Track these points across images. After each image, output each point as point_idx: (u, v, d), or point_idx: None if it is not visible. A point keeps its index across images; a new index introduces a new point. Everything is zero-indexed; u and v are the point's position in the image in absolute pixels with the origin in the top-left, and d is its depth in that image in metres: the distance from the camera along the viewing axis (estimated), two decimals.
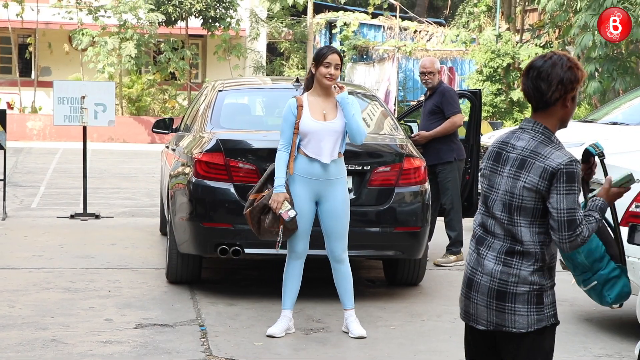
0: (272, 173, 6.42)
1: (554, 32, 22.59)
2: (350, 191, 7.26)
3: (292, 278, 6.52)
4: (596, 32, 17.81)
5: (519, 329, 3.50)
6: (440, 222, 9.39)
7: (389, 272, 8.19)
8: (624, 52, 19.26)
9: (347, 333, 6.53)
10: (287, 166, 6.34)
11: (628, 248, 6.40)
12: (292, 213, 6.26)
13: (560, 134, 3.65)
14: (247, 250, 7.26)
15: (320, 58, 6.38)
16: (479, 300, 3.53)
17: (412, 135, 9.09)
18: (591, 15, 17.65)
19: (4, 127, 11.22)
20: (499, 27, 24.70)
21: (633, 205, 6.55)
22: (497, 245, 3.51)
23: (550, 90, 3.43)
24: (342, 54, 6.57)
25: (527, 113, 20.01)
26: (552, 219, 3.40)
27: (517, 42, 23.85)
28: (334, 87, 6.37)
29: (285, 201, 6.27)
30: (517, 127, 3.61)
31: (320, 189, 6.39)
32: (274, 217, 6.33)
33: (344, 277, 6.53)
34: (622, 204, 6.61)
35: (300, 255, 6.51)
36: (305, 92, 6.54)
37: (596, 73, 18.47)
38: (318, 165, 6.35)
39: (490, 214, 3.54)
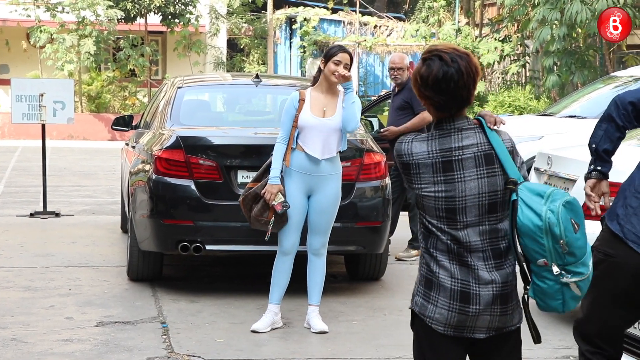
0: (270, 164, 6.46)
1: (513, 26, 22.76)
2: None
3: (281, 274, 6.53)
4: (554, 26, 17.98)
5: (516, 325, 3.43)
6: (403, 216, 9.43)
7: (351, 267, 8.22)
8: (582, 45, 19.45)
9: (309, 329, 6.54)
10: (284, 158, 6.37)
11: (588, 241, 6.47)
12: (285, 205, 6.28)
13: (519, 128, 3.71)
14: (208, 247, 7.24)
15: (330, 55, 6.42)
16: (480, 312, 3.33)
17: (382, 130, 9.12)
18: (549, 9, 17.80)
19: None
20: (459, 22, 24.84)
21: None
22: (479, 253, 3.34)
23: (471, 92, 3.35)
24: (352, 55, 6.56)
25: (487, 107, 20.13)
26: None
27: (476, 37, 24.00)
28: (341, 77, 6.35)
29: (279, 193, 6.30)
30: (434, 130, 3.38)
31: (313, 183, 6.43)
32: (262, 207, 6.36)
33: (318, 271, 6.56)
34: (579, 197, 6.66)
35: (288, 251, 6.50)
36: (309, 87, 6.58)
37: (555, 67, 18.64)
38: (312, 160, 6.38)
39: (463, 224, 3.33)
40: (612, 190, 6.55)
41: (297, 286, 6.76)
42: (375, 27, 28.84)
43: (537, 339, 3.39)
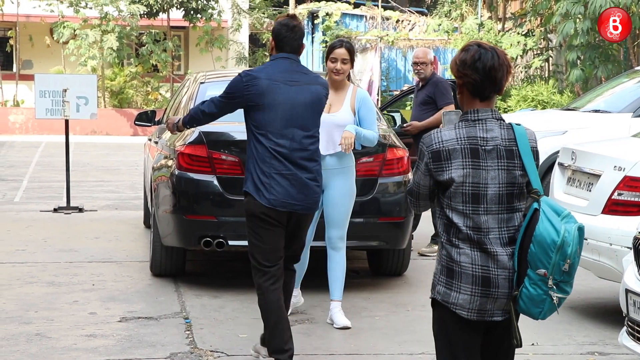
0: None
1: (536, 20, 22.62)
2: None
3: (299, 264, 6.45)
4: (578, 20, 17.86)
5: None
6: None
7: (373, 263, 8.20)
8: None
9: (332, 324, 6.54)
10: None
11: (611, 236, 6.44)
12: None
13: (543, 123, 3.78)
14: (230, 243, 7.25)
15: (327, 53, 6.50)
16: (499, 294, 3.57)
17: (405, 125, 9.09)
18: (573, 3, 17.68)
19: None
20: (481, 16, 24.73)
21: (615, 193, 6.57)
22: (496, 239, 3.57)
23: (503, 79, 3.62)
24: (353, 48, 6.59)
25: (510, 102, 20.02)
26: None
27: (499, 31, 23.88)
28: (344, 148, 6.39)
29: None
30: (460, 121, 3.63)
31: (325, 178, 6.34)
32: None
33: (338, 266, 6.56)
34: (604, 192, 6.63)
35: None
36: None
37: (578, 61, 18.51)
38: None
39: (484, 210, 3.58)
40: (634, 185, 6.51)
41: (320, 282, 6.75)
42: (397, 21, 28.76)
43: (519, 343, 3.62)
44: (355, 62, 6.70)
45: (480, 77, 3.58)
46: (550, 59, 22.99)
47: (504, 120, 3.64)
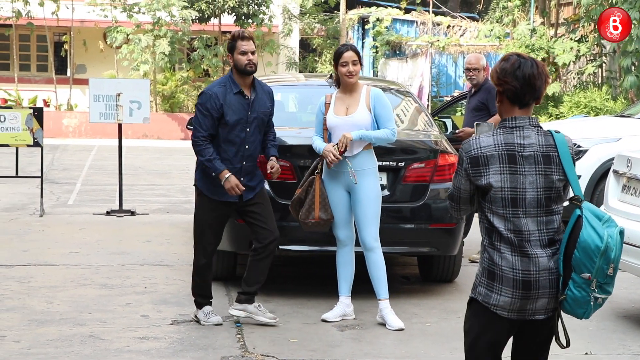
0: (315, 168, 6.79)
1: (589, 25, 22.40)
2: (384, 188, 7.27)
3: (343, 265, 6.80)
4: (633, 26, 17.64)
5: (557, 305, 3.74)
6: (477, 218, 9.34)
7: (424, 269, 8.18)
8: None
9: (384, 325, 6.57)
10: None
11: None
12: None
13: (597, 130, 3.81)
14: (281, 247, 7.28)
15: (336, 59, 6.71)
16: (540, 295, 3.68)
17: (457, 131, 9.06)
18: (628, 8, 17.47)
19: (41, 125, 11.32)
20: (533, 22, 24.54)
21: None
22: (536, 241, 3.69)
23: (542, 87, 3.75)
24: (357, 49, 6.84)
25: (563, 108, 19.83)
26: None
27: (551, 37, 23.69)
28: (351, 176, 6.61)
29: (334, 146, 6.59)
30: (497, 128, 3.78)
31: (348, 180, 6.67)
32: (307, 210, 6.69)
33: (376, 266, 6.62)
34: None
35: (344, 242, 6.78)
36: (337, 90, 6.88)
37: (633, 67, 18.28)
38: (342, 157, 6.61)
39: (524, 213, 3.70)
40: None
41: (369, 287, 6.75)
42: (448, 27, 28.65)
43: (567, 343, 3.75)
44: (406, 67, 6.83)
45: (520, 84, 3.71)
46: (604, 65, 22.73)
47: (541, 128, 3.76)
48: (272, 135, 6.80)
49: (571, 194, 3.72)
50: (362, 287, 7.06)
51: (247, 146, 6.56)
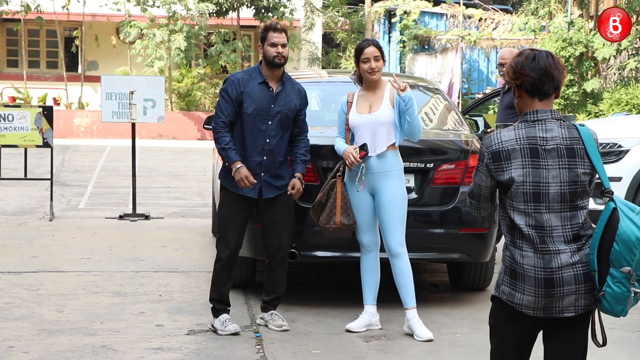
0: (337, 171, 6.82)
1: (631, 17, 22.28)
2: (412, 190, 7.27)
3: (368, 272, 6.82)
4: None
5: (593, 302, 3.79)
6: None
7: (454, 276, 8.17)
8: None
9: (411, 336, 6.58)
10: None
11: None
12: (364, 147, 6.61)
13: (639, 128, 3.83)
14: (303, 253, 7.29)
15: (357, 55, 6.72)
16: (565, 292, 3.74)
17: (488, 130, 9.05)
18: None
19: (51, 124, 11.40)
20: (571, 14, 24.45)
21: None
22: (559, 237, 3.76)
23: (561, 78, 3.83)
24: (379, 44, 6.88)
25: (602, 106, 19.75)
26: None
27: (590, 30, 23.58)
28: (396, 83, 6.49)
29: (354, 150, 6.61)
30: (519, 122, 3.86)
31: (371, 181, 6.69)
32: (328, 215, 6.73)
33: (402, 273, 6.63)
34: None
35: (369, 247, 6.80)
36: (359, 88, 6.91)
37: None
38: (364, 158, 6.64)
39: (546, 209, 3.76)
40: None
41: (396, 295, 6.75)
42: (480, 20, 28.59)
43: (604, 341, 3.80)
44: (435, 63, 6.83)
45: (538, 74, 3.81)
46: None
47: (564, 120, 3.84)
48: (303, 146, 6.88)
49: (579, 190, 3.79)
50: (389, 296, 7.07)
51: (267, 140, 6.67)
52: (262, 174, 6.67)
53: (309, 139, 6.97)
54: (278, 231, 6.76)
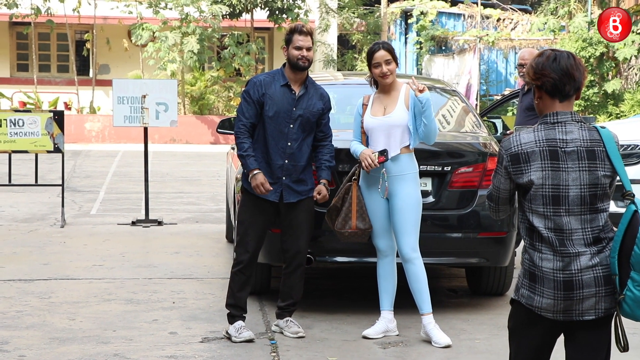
0: (352, 174, 6.84)
1: None
2: (429, 194, 7.27)
3: (384, 277, 6.83)
4: None
5: (614, 306, 3.81)
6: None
7: (473, 281, 8.16)
8: None
9: (429, 342, 6.57)
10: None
11: None
12: (384, 152, 6.61)
13: None
14: (319, 258, 7.30)
15: (369, 59, 6.78)
16: (585, 295, 3.77)
17: (507, 132, 9.04)
18: None
19: (62, 129, 11.44)
20: (591, 14, 24.38)
21: None
22: (579, 240, 3.78)
23: (582, 78, 3.86)
24: (391, 46, 6.88)
25: (624, 107, 19.69)
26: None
27: None
28: (414, 85, 6.51)
29: (372, 154, 6.63)
30: (538, 124, 3.88)
31: (388, 186, 6.68)
32: (343, 219, 6.75)
33: (416, 278, 6.63)
34: None
35: (385, 252, 6.81)
36: (375, 90, 6.94)
37: None
38: (379, 165, 6.66)
39: (566, 211, 3.79)
40: None
41: (413, 302, 6.75)
42: (498, 20, 28.56)
43: (626, 346, 3.81)
44: (453, 64, 6.82)
45: (559, 75, 3.83)
46: None
47: (584, 123, 3.86)
48: (327, 152, 6.90)
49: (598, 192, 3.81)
50: (406, 302, 7.06)
51: (289, 143, 6.70)
52: (284, 178, 6.70)
53: (333, 144, 6.99)
54: (296, 235, 6.78)
